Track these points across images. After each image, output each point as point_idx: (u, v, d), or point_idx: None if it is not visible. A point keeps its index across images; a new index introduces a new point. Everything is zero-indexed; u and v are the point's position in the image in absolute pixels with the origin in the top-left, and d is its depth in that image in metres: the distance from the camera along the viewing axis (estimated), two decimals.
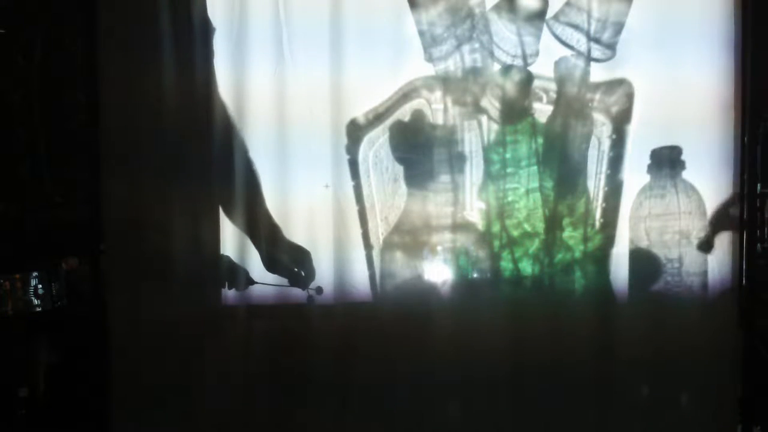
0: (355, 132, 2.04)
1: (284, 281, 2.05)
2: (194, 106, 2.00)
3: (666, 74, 2.01)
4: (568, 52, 2.02)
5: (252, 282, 2.04)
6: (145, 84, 1.97)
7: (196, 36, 1.99)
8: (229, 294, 2.06)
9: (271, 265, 2.05)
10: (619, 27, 2.01)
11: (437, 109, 2.04)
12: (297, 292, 2.05)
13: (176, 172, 2.00)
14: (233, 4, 2.01)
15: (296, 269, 2.05)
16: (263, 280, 2.04)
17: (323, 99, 2.01)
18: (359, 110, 2.03)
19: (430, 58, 2.02)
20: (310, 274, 2.05)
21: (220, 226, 2.04)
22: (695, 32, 2.02)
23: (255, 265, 2.05)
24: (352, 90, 2.01)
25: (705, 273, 2.07)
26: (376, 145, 2.05)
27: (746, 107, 2.02)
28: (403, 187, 2.06)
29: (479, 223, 2.06)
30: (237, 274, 2.04)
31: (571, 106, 2.02)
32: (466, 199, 2.05)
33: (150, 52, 1.98)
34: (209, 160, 2.01)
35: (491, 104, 2.03)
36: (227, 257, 2.05)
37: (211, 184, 2.03)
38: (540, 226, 2.05)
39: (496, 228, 2.05)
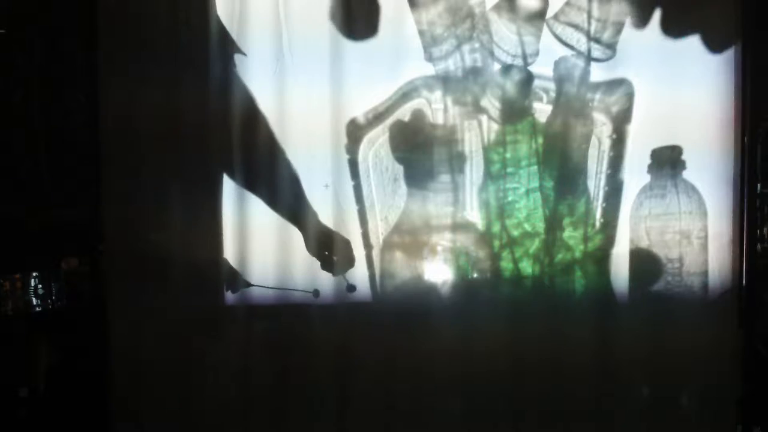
0: (355, 132, 2.04)
1: (283, 285, 2.05)
2: (194, 105, 2.00)
3: (666, 74, 2.01)
4: (568, 52, 2.02)
5: (248, 285, 2.04)
6: (144, 84, 1.97)
7: (195, 36, 2.00)
8: (229, 294, 2.06)
9: (314, 250, 2.04)
10: (619, 27, 2.01)
11: (437, 108, 2.03)
12: (297, 293, 2.05)
13: (176, 171, 2.00)
14: (233, 4, 2.01)
15: (329, 254, 2.05)
16: (262, 283, 2.04)
17: (323, 99, 2.01)
18: (359, 110, 2.03)
19: (430, 58, 2.02)
20: (350, 260, 2.05)
21: (222, 227, 2.04)
22: (695, 32, 2.02)
23: (254, 268, 2.05)
24: (353, 90, 2.00)
25: (705, 273, 2.07)
26: (376, 145, 2.05)
27: (746, 107, 2.02)
28: (403, 187, 2.06)
29: (479, 223, 2.06)
30: (235, 278, 2.04)
31: (571, 106, 2.02)
32: (466, 199, 2.05)
33: (149, 51, 1.98)
34: (209, 159, 2.01)
35: (491, 104, 2.03)
36: (225, 260, 2.04)
37: (211, 183, 2.03)
38: (540, 226, 2.05)
39: (496, 228, 2.05)
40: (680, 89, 2.01)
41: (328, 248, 2.04)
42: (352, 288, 2.04)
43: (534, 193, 2.05)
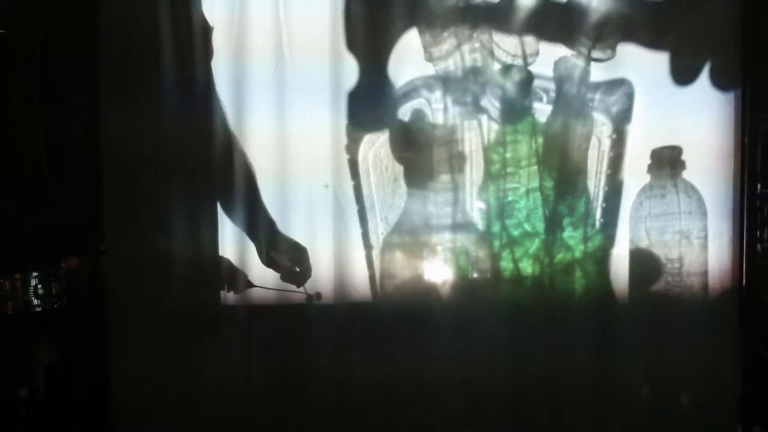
0: (355, 132, 2.04)
1: (283, 286, 2.05)
2: (194, 106, 2.00)
3: (666, 74, 2.01)
4: (568, 52, 2.02)
5: (251, 285, 2.04)
6: (144, 84, 1.97)
7: (196, 36, 2.00)
8: (229, 294, 2.06)
9: (268, 260, 2.05)
10: (619, 27, 2.01)
11: (437, 108, 2.03)
12: (297, 293, 2.05)
13: (176, 172, 2.00)
14: (233, 4, 2.01)
15: (293, 266, 2.05)
16: (262, 282, 2.04)
17: (323, 98, 2.00)
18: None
19: (430, 58, 2.02)
20: (307, 271, 2.05)
21: (219, 228, 2.04)
22: (695, 31, 2.02)
23: (254, 267, 2.05)
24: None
25: (705, 273, 2.06)
26: (376, 145, 2.05)
27: (746, 107, 2.02)
28: (403, 186, 2.06)
29: (479, 223, 2.06)
30: (236, 277, 2.04)
31: (571, 106, 2.02)
32: (466, 199, 2.05)
33: (149, 52, 1.98)
34: (209, 159, 2.01)
35: (491, 104, 2.03)
36: (226, 260, 2.05)
37: (211, 183, 2.03)
38: (540, 226, 2.05)
39: (496, 228, 2.05)
40: (680, 89, 2.01)
41: (293, 261, 2.04)
42: (318, 296, 2.04)
43: (534, 193, 2.05)
